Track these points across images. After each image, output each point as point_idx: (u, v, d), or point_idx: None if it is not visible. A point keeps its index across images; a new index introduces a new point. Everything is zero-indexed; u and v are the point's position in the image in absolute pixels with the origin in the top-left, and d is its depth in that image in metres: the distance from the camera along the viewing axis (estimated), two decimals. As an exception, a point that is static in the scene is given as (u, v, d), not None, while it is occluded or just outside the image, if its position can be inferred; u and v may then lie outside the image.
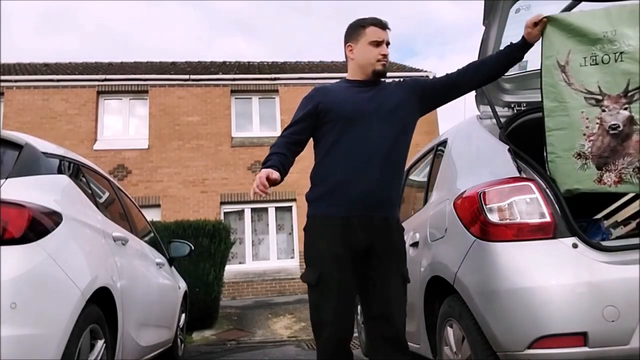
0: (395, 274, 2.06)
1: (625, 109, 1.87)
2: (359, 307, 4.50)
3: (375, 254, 2.03)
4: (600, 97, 1.91)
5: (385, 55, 2.14)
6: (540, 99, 2.65)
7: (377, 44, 2.14)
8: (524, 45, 2.12)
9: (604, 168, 1.89)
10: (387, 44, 2.16)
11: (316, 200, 2.10)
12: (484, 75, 2.18)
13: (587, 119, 1.92)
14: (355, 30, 2.19)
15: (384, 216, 2.06)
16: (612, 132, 1.87)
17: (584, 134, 1.93)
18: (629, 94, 1.88)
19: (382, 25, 2.17)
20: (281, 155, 2.07)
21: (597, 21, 1.94)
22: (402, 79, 2.31)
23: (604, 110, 1.90)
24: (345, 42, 2.22)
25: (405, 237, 3.05)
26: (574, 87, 1.94)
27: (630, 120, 1.85)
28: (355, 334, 5.29)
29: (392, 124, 2.09)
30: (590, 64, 1.94)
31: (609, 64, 1.91)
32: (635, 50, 1.88)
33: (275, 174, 1.96)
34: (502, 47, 2.50)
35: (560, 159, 1.96)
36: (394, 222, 2.13)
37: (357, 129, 2.05)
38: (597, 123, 1.90)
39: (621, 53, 1.90)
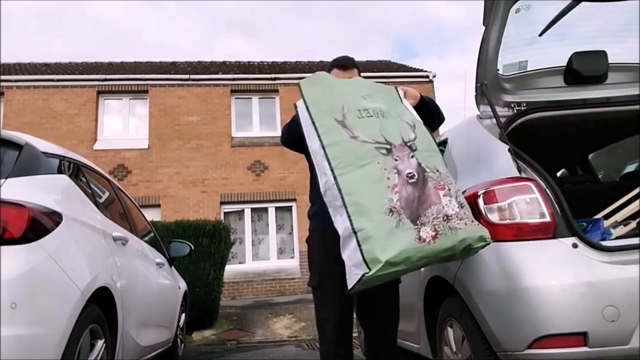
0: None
1: (412, 157, 1.85)
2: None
3: None
4: (389, 147, 1.84)
5: None
6: (540, 100, 2.67)
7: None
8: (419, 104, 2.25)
9: (418, 221, 1.72)
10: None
11: (313, 216, 2.29)
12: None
13: (385, 169, 1.79)
14: (328, 69, 2.44)
15: None
16: (410, 181, 1.77)
17: (388, 186, 1.75)
18: (409, 144, 1.88)
19: (343, 67, 2.37)
20: None
21: (357, 86, 2.05)
22: None
23: (396, 160, 1.82)
24: None
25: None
26: (362, 140, 1.83)
27: (421, 168, 1.83)
28: (355, 334, 5.30)
29: None
30: (365, 116, 1.90)
31: (379, 119, 1.91)
32: (387, 111, 1.98)
33: None
34: (502, 47, 2.51)
35: (376, 225, 1.67)
36: None
37: None
38: (396, 173, 1.79)
39: (381, 111, 1.96)
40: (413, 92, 2.26)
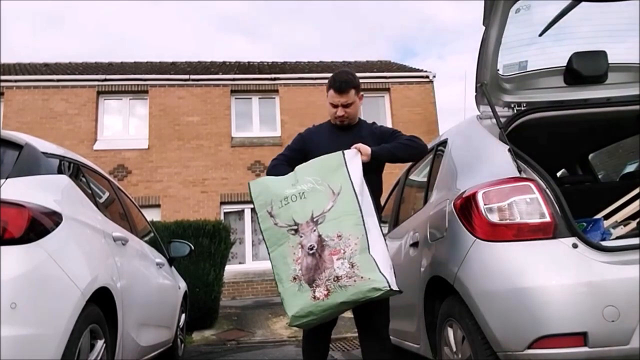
0: None
1: (314, 231, 2.30)
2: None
3: None
4: (296, 227, 2.33)
5: (340, 116, 2.60)
6: (540, 100, 2.67)
7: (334, 106, 2.59)
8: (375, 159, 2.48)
9: (314, 284, 2.21)
10: (347, 105, 2.57)
11: None
12: None
13: (292, 246, 2.33)
14: (327, 87, 2.63)
15: None
16: (310, 252, 2.24)
17: (294, 260, 2.31)
18: (314, 219, 2.33)
19: (339, 90, 2.56)
20: (283, 163, 2.66)
21: (287, 179, 2.47)
22: (373, 127, 2.73)
23: (301, 237, 2.30)
24: (326, 92, 2.67)
25: (405, 237, 3.06)
26: (280, 225, 2.39)
27: (320, 239, 2.26)
28: (355, 334, 5.30)
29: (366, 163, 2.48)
30: (283, 205, 2.41)
31: (296, 202, 2.38)
32: (313, 188, 2.38)
33: None
34: (502, 47, 2.51)
35: (285, 290, 2.30)
36: None
37: None
38: (300, 248, 2.29)
39: (303, 192, 2.40)
40: (365, 150, 2.44)
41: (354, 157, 2.44)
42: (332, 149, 2.52)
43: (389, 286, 2.09)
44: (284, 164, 2.62)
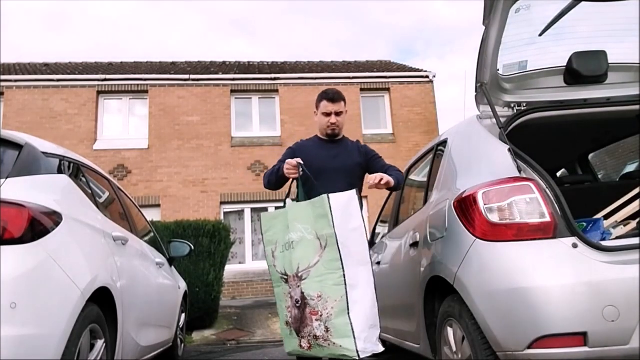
0: None
1: (299, 287, 2.39)
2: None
3: None
4: (286, 277, 2.46)
5: (333, 124, 2.88)
6: (540, 100, 2.67)
7: (327, 114, 2.88)
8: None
9: (300, 335, 2.41)
10: (338, 113, 2.88)
11: None
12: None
13: (285, 293, 2.49)
14: (317, 101, 2.95)
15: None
16: (297, 305, 2.39)
17: (286, 306, 2.49)
18: (299, 275, 2.41)
19: (332, 100, 2.87)
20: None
21: (282, 218, 2.56)
22: (358, 144, 3.03)
23: (290, 287, 2.44)
24: (314, 111, 3.00)
25: (405, 237, 3.06)
26: (277, 269, 2.54)
27: (303, 296, 2.37)
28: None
29: (349, 178, 2.80)
30: (281, 252, 2.53)
31: (289, 251, 2.48)
32: (302, 237, 2.44)
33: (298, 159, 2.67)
34: (502, 47, 2.51)
35: (282, 329, 2.57)
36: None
37: (322, 181, 2.68)
38: (289, 297, 2.45)
39: (292, 242, 2.48)
40: (386, 180, 2.59)
41: (346, 201, 2.44)
42: (318, 159, 2.78)
43: (358, 356, 2.23)
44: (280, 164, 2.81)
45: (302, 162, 2.65)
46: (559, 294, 1.82)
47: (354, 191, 2.49)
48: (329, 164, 2.81)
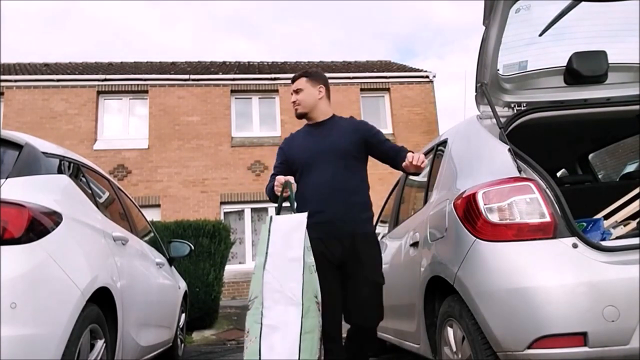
0: (368, 283, 2.41)
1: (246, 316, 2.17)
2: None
3: (347, 266, 2.44)
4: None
5: (293, 102, 2.68)
6: (540, 100, 2.67)
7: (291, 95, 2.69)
8: (399, 169, 2.49)
9: None
10: (297, 90, 2.65)
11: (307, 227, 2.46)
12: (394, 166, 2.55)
13: None
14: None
15: (350, 235, 2.44)
16: None
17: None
18: (248, 303, 2.18)
19: (292, 80, 2.72)
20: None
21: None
22: (353, 121, 2.68)
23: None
24: None
25: (405, 237, 3.06)
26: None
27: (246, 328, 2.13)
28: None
29: (343, 159, 2.50)
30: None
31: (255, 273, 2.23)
32: (260, 263, 2.21)
33: (290, 177, 2.43)
34: (502, 47, 2.50)
35: None
36: (363, 237, 2.47)
37: (314, 171, 2.50)
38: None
39: (255, 266, 2.23)
40: (421, 158, 2.32)
41: (293, 226, 2.22)
42: (306, 149, 2.56)
43: None
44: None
45: (291, 180, 2.41)
46: (559, 294, 1.81)
47: (304, 215, 2.27)
48: (317, 149, 2.54)
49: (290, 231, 2.21)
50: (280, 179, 2.42)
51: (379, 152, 2.58)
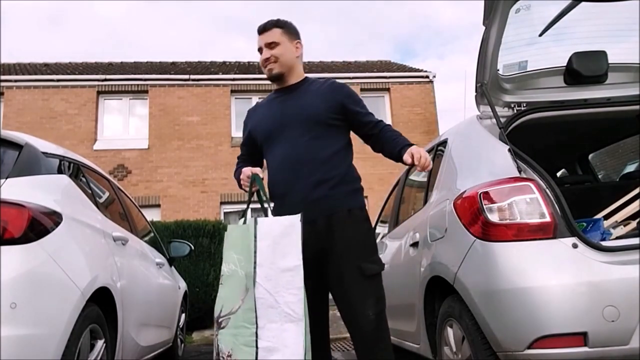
0: (350, 270, 1.96)
1: (216, 336, 1.79)
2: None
3: (328, 255, 2.00)
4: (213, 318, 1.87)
5: (266, 60, 2.13)
6: (540, 100, 2.67)
7: (260, 51, 2.17)
8: (399, 158, 2.05)
9: None
10: (270, 44, 2.12)
11: (273, 211, 2.13)
12: (379, 150, 2.17)
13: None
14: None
15: (327, 214, 2.00)
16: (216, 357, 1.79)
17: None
18: (219, 320, 1.81)
19: (260, 31, 2.17)
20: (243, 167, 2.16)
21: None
22: (331, 83, 2.20)
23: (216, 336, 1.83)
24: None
25: (405, 237, 3.06)
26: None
27: (218, 352, 1.77)
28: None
29: (315, 128, 2.07)
30: (220, 283, 1.90)
31: (219, 286, 1.88)
32: (233, 272, 1.84)
33: (257, 169, 2.07)
34: (502, 47, 2.51)
35: None
36: (341, 214, 2.02)
37: (277, 144, 2.10)
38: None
39: (222, 276, 1.87)
40: (424, 158, 1.95)
41: (284, 228, 1.86)
42: (269, 118, 2.13)
43: None
44: (240, 168, 2.21)
45: (259, 174, 2.04)
46: (559, 294, 1.82)
47: (297, 217, 1.87)
48: (281, 117, 2.11)
49: (281, 236, 1.85)
50: (247, 171, 2.06)
51: (357, 125, 2.15)
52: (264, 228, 1.88)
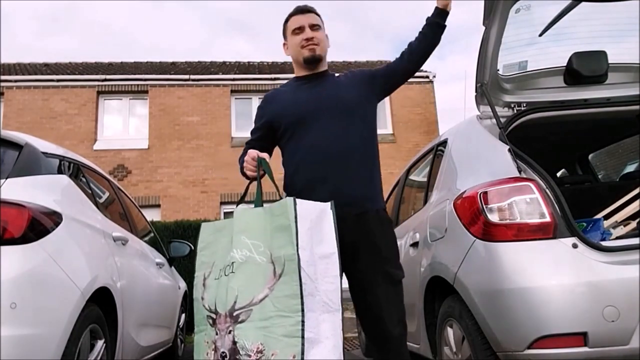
0: (380, 275, 1.90)
1: (230, 332, 1.60)
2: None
3: (355, 255, 1.90)
4: (214, 317, 1.66)
5: (309, 39, 2.03)
6: (540, 100, 2.67)
7: (299, 30, 2.06)
8: (442, 12, 2.03)
9: None
10: (313, 26, 2.06)
11: None
12: (423, 53, 2.10)
13: (206, 342, 1.68)
14: (283, 27, 2.16)
15: (358, 213, 1.92)
16: None
17: None
18: (235, 314, 1.61)
19: (301, 11, 2.10)
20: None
21: (227, 231, 1.78)
22: (358, 70, 2.20)
23: (217, 333, 1.64)
24: (283, 43, 2.18)
25: (405, 237, 3.06)
26: (204, 304, 1.72)
27: (234, 349, 1.57)
28: (355, 334, 5.29)
29: (347, 118, 1.99)
30: (216, 278, 1.72)
31: (227, 277, 1.68)
32: (248, 258, 1.66)
33: (264, 153, 1.94)
34: (502, 47, 2.51)
35: None
36: (375, 214, 1.96)
37: (310, 130, 1.97)
38: (214, 350, 1.63)
39: (232, 264, 1.67)
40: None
41: (319, 213, 1.72)
42: (298, 103, 2.01)
43: None
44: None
45: (266, 157, 1.91)
46: (559, 294, 1.82)
47: (328, 204, 1.76)
48: (314, 102, 2.00)
49: (316, 221, 1.70)
50: (253, 152, 1.92)
51: (393, 69, 2.11)
52: (303, 210, 1.68)
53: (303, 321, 1.55)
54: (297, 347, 1.53)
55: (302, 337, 1.54)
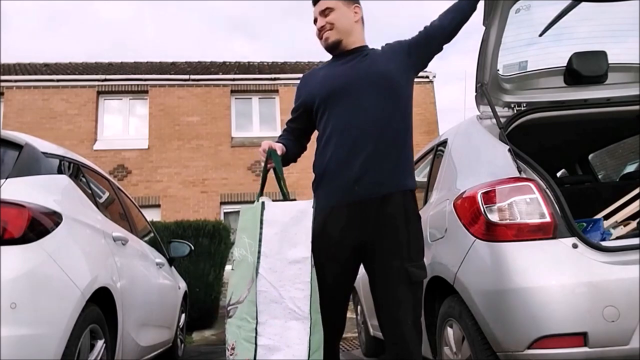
0: (397, 272, 1.81)
1: (226, 324, 1.70)
2: (358, 307, 4.50)
3: (375, 252, 1.85)
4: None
5: (322, 27, 2.01)
6: (540, 100, 2.67)
7: (315, 21, 2.05)
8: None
9: None
10: (324, 12, 2.00)
11: (315, 189, 1.96)
12: (458, 20, 2.07)
13: None
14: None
15: (385, 194, 1.84)
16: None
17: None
18: (229, 308, 1.70)
19: (314, 1, 2.05)
20: (284, 139, 2.10)
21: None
22: (387, 43, 2.12)
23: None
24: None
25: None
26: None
27: (225, 341, 1.67)
28: (355, 334, 5.29)
29: (380, 91, 1.90)
30: (232, 269, 1.79)
31: (234, 270, 1.76)
32: (244, 257, 1.70)
33: (277, 145, 1.95)
34: (502, 48, 2.51)
35: None
36: (399, 202, 1.86)
37: (341, 105, 1.90)
38: None
39: (234, 261, 1.74)
40: None
41: (294, 214, 1.69)
42: (330, 78, 1.96)
43: None
44: (286, 140, 2.09)
45: (275, 149, 1.90)
46: (559, 294, 1.82)
47: (310, 202, 1.72)
48: (347, 76, 1.93)
49: (290, 224, 1.68)
50: (265, 144, 1.91)
51: (416, 45, 2.03)
52: (271, 214, 1.70)
53: (256, 329, 1.61)
54: (250, 352, 1.59)
55: (255, 343, 1.59)
